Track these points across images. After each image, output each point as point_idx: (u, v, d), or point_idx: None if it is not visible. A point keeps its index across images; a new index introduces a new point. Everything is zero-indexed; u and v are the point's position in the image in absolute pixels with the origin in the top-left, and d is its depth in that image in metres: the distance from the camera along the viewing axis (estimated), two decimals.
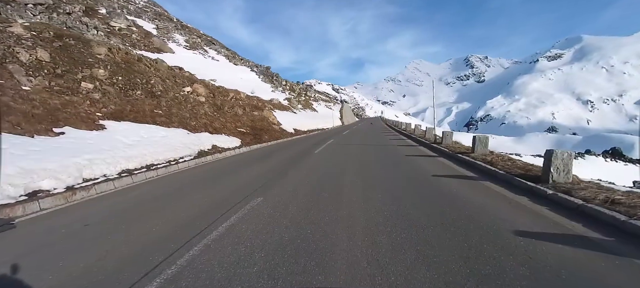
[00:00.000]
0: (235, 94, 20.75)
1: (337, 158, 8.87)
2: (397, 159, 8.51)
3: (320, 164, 7.70)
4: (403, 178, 5.94)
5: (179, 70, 33.07)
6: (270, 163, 8.37)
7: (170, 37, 57.39)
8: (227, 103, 17.87)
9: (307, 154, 9.76)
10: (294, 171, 6.99)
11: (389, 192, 4.88)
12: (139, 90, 12.27)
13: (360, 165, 7.50)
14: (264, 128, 17.85)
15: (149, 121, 10.54)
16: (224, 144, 12.01)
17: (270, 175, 6.65)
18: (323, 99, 75.41)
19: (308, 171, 6.92)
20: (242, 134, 14.60)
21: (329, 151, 10.69)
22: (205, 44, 66.92)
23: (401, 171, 6.66)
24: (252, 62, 68.36)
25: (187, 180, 6.76)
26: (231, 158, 10.45)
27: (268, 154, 10.85)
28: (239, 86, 38.63)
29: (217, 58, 61.37)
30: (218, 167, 8.43)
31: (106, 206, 4.84)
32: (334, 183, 5.59)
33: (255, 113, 20.06)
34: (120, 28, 42.15)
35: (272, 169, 7.47)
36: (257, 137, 15.33)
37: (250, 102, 22.21)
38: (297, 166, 7.53)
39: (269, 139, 16.24)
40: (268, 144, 15.06)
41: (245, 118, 17.70)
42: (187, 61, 46.58)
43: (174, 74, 16.68)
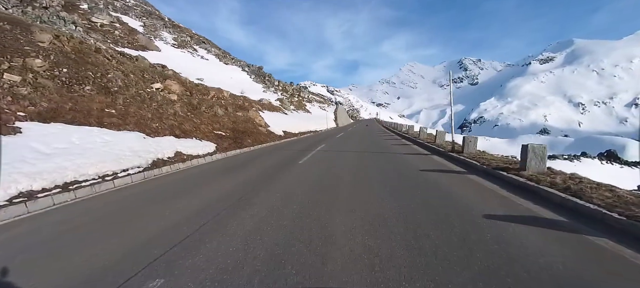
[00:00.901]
0: (217, 92, 18.61)
1: (327, 172, 6.68)
2: (410, 175, 5.96)
3: (302, 185, 5.52)
4: (431, 220, 3.35)
5: (162, 68, 30.86)
6: (235, 181, 6.16)
7: (157, 35, 55.04)
8: (206, 102, 15.72)
9: (288, 166, 7.65)
10: (259, 200, 4.54)
11: (423, 267, 2.36)
12: (89, 85, 10.08)
13: (359, 186, 5.19)
14: (248, 131, 15.75)
15: (92, 123, 8.37)
16: (193, 150, 9.88)
17: (218, 209, 4.22)
18: (317, 100, 73.45)
19: (281, 201, 4.45)
20: (219, 138, 12.48)
21: (318, 161, 8.54)
22: (196, 43, 64.59)
23: (423, 200, 4.10)
24: (243, 62, 66.14)
25: (99, 210, 4.62)
26: (194, 169, 8.30)
27: (242, 164, 8.73)
28: (228, 85, 36.49)
29: (206, 57, 59.13)
30: (164, 185, 6.27)
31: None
32: (314, 239, 2.96)
33: (239, 113, 17.94)
34: (103, 24, 39.78)
35: (229, 193, 5.11)
36: (237, 141, 13.22)
37: (234, 102, 20.08)
38: (269, 188, 5.35)
39: (253, 143, 14.16)
40: (250, 149, 12.97)
41: (226, 119, 15.58)
42: (174, 59, 44.34)
43: (142, 69, 14.48)
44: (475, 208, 3.77)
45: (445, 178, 5.70)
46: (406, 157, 8.80)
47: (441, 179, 5.63)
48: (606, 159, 44.34)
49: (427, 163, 7.64)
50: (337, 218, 3.56)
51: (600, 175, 6.62)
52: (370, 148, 11.67)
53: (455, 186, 5.04)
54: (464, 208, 3.80)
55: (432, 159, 8.20)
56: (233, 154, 11.33)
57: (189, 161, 8.97)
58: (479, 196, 4.39)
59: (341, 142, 14.90)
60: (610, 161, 44.26)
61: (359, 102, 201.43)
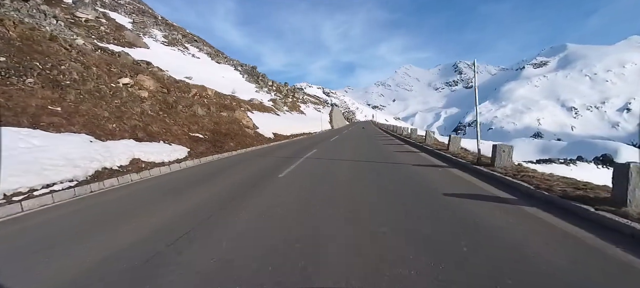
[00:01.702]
0: (200, 90, 16.93)
1: (311, 195, 4.85)
2: (434, 205, 4.10)
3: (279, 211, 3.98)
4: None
5: (146, 65, 29.15)
6: (182, 206, 4.47)
7: (147, 32, 53.22)
8: (185, 101, 14.05)
9: (264, 182, 5.94)
10: (186, 259, 2.79)
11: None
12: (32, 77, 8.36)
13: (360, 224, 3.40)
14: (232, 133, 14.10)
15: (22, 123, 6.68)
16: (157, 156, 8.22)
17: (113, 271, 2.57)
18: (312, 101, 71.95)
19: (219, 269, 2.55)
20: (195, 141, 10.83)
21: (304, 174, 6.77)
22: (187, 41, 62.81)
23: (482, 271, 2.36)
24: (236, 61, 64.37)
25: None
26: (146, 182, 6.60)
27: (209, 176, 7.04)
28: (219, 84, 34.81)
29: (198, 56, 57.42)
30: (84, 210, 4.58)
31: None
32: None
33: (223, 113, 16.28)
34: (87, 19, 37.94)
35: (153, 237, 3.29)
36: (216, 145, 11.58)
37: (220, 102, 18.41)
38: (222, 223, 3.64)
39: (235, 146, 12.52)
40: (230, 154, 11.32)
41: (206, 119, 13.91)
42: (163, 57, 42.67)
43: (109, 62, 12.75)
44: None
45: (497, 214, 3.72)
46: (418, 171, 6.86)
47: (490, 218, 3.55)
48: (601, 164, 44.34)
49: (450, 181, 5.70)
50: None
51: (597, 179, 6.06)
52: (370, 155, 10.00)
53: (514, 231, 3.14)
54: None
55: (454, 176, 6.21)
56: (207, 161, 9.67)
57: (148, 171, 7.30)
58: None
59: (335, 147, 13.30)
60: (605, 165, 44.27)
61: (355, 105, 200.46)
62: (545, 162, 37.97)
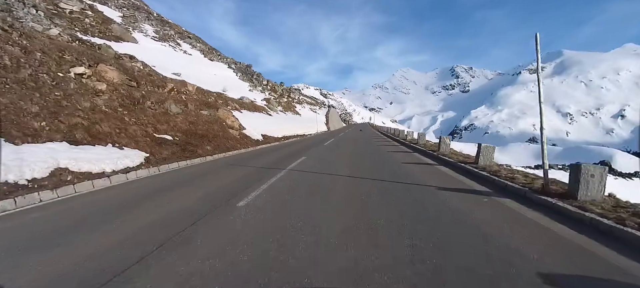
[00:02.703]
0: (178, 85, 15.01)
1: (281, 249, 2.82)
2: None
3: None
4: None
5: (129, 58, 27.20)
6: (65, 262, 2.66)
7: (137, 27, 51.16)
8: (156, 96, 12.13)
9: (217, 214, 3.98)
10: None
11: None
12: None
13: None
14: (210, 134, 12.20)
15: None
16: (98, 164, 6.31)
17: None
18: (308, 102, 70.18)
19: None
20: (159, 144, 8.93)
21: (279, 198, 4.75)
22: (180, 37, 60.80)
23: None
24: (230, 59, 62.39)
25: None
26: (62, 204, 4.70)
27: (158, 192, 5.16)
28: (211, 82, 32.95)
29: (190, 52, 55.45)
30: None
31: None
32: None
33: (204, 112, 14.37)
34: (72, 11, 35.80)
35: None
36: (188, 148, 9.68)
37: (202, 99, 16.50)
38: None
39: (212, 150, 10.64)
40: (202, 160, 9.43)
41: (181, 118, 12.00)
42: (152, 52, 40.69)
43: (63, 48, 10.78)
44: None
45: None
46: (455, 205, 4.37)
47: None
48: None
49: (529, 235, 3.24)
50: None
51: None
52: (374, 169, 7.63)
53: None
54: None
55: (519, 217, 3.85)
56: (169, 170, 7.76)
57: (73, 186, 5.38)
58: None
59: (330, 153, 11.35)
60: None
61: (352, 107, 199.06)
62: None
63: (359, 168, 7.95)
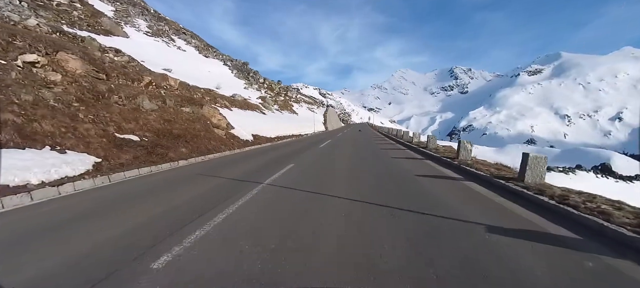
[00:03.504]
0: (158, 79, 13.48)
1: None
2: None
3: None
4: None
5: (115, 52, 25.72)
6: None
7: (129, 21, 49.57)
8: (127, 91, 10.59)
9: (122, 275, 2.46)
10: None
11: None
12: None
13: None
14: (189, 134, 10.70)
15: None
16: (20, 173, 4.84)
17: None
18: (306, 101, 68.68)
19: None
20: (120, 146, 7.43)
21: (235, 243, 3.06)
22: (174, 33, 59.20)
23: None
24: (226, 56, 60.80)
25: None
26: None
27: (54, 228, 3.62)
28: (205, 79, 31.49)
29: (184, 48, 53.93)
30: None
31: None
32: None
33: (186, 109, 12.85)
34: (59, 3, 34.18)
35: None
36: (156, 151, 8.18)
37: (185, 94, 14.98)
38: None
39: (188, 153, 9.14)
40: (171, 166, 7.93)
41: (155, 115, 10.48)
42: (143, 47, 39.23)
43: (13, 33, 9.22)
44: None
45: None
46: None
47: None
48: (601, 173, 42.56)
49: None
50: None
51: (596, 190, 5.66)
52: (381, 184, 5.98)
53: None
54: None
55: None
56: (122, 179, 6.25)
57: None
58: None
59: (325, 158, 9.80)
60: (604, 174, 42.67)
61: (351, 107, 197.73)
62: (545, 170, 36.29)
63: (361, 183, 6.17)
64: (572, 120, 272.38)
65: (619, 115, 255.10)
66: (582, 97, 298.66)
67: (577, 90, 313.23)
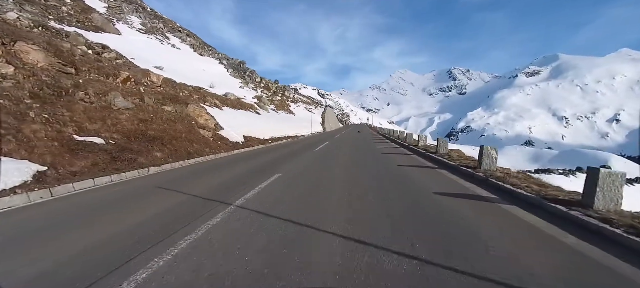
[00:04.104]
0: (137, 75, 12.29)
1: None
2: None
3: None
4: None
5: (102, 48, 24.66)
6: None
7: (122, 18, 48.29)
8: (97, 86, 9.41)
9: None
10: None
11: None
12: None
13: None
14: (168, 136, 9.53)
15: None
16: None
17: None
18: (304, 101, 67.52)
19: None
20: (75, 151, 6.26)
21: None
22: (169, 31, 57.95)
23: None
24: (222, 55, 59.56)
25: None
26: None
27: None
28: (199, 78, 30.36)
29: (178, 46, 52.67)
30: None
31: None
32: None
33: (167, 108, 11.68)
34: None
35: None
36: (123, 156, 7.02)
37: (169, 92, 13.81)
38: None
39: (164, 157, 8.00)
40: (137, 174, 6.76)
41: (128, 114, 9.30)
42: (135, 44, 37.97)
43: None
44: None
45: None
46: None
47: None
48: None
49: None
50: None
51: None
52: (393, 207, 4.38)
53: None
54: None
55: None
56: (68, 193, 5.09)
57: None
58: None
59: (319, 166, 8.49)
60: None
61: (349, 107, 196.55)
62: (544, 172, 35.66)
63: (364, 204, 4.49)
64: (569, 121, 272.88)
65: (616, 117, 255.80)
66: (580, 99, 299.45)
67: (575, 92, 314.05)
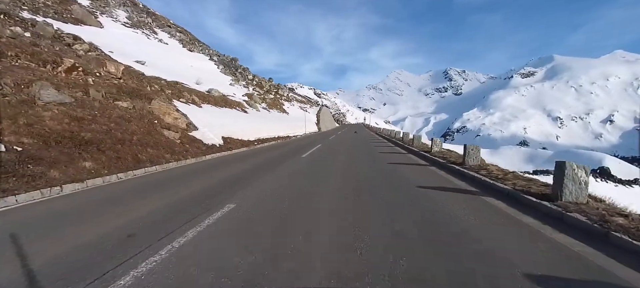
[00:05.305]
0: (89, 64, 10.12)
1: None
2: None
3: None
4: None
5: (73, 39, 22.64)
6: None
7: (107, 11, 45.85)
8: (19, 75, 7.25)
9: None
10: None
11: None
12: None
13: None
14: (110, 139, 7.42)
15: None
16: None
17: None
18: (298, 99, 65.39)
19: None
20: None
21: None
22: (158, 26, 55.45)
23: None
24: (213, 51, 57.17)
25: None
26: None
27: None
28: (186, 74, 28.32)
29: (166, 41, 50.24)
30: None
31: None
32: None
33: (123, 104, 9.53)
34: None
35: None
36: (21, 170, 4.90)
37: (131, 86, 11.66)
38: None
39: (96, 169, 5.95)
40: (41, 196, 4.68)
41: (55, 111, 7.17)
42: (118, 38, 35.68)
43: None
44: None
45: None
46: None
47: None
48: (600, 177, 41.52)
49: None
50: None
51: (599, 193, 4.65)
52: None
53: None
54: None
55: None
56: None
57: None
58: None
59: (303, 182, 6.10)
60: (604, 178, 41.62)
61: (346, 107, 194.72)
62: (543, 173, 34.98)
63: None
64: (564, 122, 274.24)
65: (610, 118, 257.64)
66: (574, 100, 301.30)
67: (569, 93, 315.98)
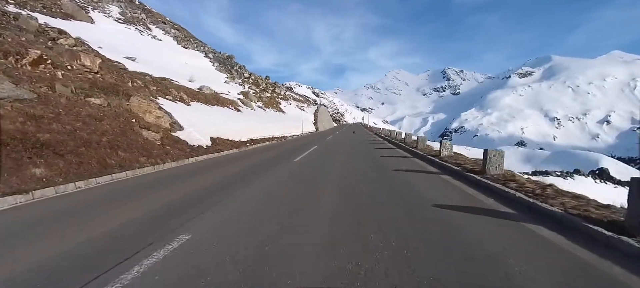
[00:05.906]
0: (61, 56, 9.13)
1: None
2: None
3: None
4: None
5: (58, 33, 21.69)
6: None
7: (100, 6, 44.63)
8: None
9: None
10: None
11: None
12: None
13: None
14: (72, 141, 6.48)
15: None
16: None
17: None
18: (295, 98, 64.39)
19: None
20: None
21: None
22: (152, 22, 54.23)
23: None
24: (208, 48, 56.03)
25: None
26: None
27: None
28: (179, 71, 27.32)
29: (160, 38, 49.03)
30: None
31: None
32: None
33: (95, 100, 8.56)
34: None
35: None
36: None
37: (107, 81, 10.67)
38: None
39: (48, 177, 5.08)
40: None
41: (8, 107, 6.18)
42: (108, 33, 34.48)
43: None
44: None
45: None
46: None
47: None
48: (598, 178, 40.65)
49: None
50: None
51: (596, 195, 4.42)
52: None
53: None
54: None
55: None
56: None
57: None
58: None
59: (287, 196, 4.86)
60: (603, 180, 40.79)
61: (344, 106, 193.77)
62: (542, 174, 34.55)
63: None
64: (561, 123, 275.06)
65: (607, 118, 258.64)
66: (571, 100, 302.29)
67: (567, 93, 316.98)
